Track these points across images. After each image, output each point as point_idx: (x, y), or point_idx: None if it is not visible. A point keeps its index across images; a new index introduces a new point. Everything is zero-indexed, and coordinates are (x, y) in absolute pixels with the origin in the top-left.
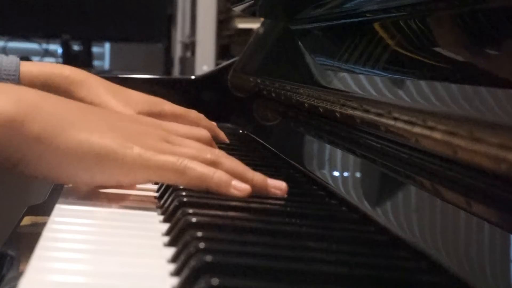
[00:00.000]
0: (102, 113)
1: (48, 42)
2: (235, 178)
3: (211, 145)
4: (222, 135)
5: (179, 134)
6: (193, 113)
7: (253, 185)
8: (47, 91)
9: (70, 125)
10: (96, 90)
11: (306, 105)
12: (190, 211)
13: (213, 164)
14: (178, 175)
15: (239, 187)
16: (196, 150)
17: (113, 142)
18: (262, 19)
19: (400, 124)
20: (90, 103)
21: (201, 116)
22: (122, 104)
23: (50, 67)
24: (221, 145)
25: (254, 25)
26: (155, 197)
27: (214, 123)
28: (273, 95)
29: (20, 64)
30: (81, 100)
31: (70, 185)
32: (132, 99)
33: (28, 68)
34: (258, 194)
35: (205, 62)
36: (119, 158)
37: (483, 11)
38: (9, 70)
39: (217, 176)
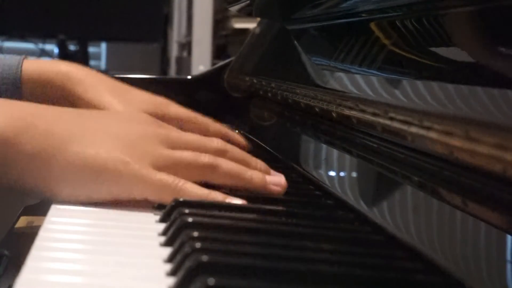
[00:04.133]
0: (98, 119)
1: (44, 42)
2: (231, 181)
3: (224, 154)
4: (236, 137)
5: (188, 145)
6: (201, 117)
7: (250, 187)
8: (44, 89)
9: (65, 141)
10: (95, 89)
11: (302, 105)
12: (186, 211)
13: (211, 167)
14: (174, 196)
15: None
16: (194, 154)
17: (109, 156)
18: (258, 19)
19: (396, 124)
20: (88, 102)
21: (209, 120)
22: (123, 104)
23: (49, 65)
24: None
25: (250, 25)
26: None
27: (223, 127)
28: (270, 95)
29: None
30: (78, 98)
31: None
32: (134, 99)
33: (26, 66)
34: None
35: (201, 62)
36: (115, 175)
37: (479, 11)
38: (10, 70)
39: (211, 197)
